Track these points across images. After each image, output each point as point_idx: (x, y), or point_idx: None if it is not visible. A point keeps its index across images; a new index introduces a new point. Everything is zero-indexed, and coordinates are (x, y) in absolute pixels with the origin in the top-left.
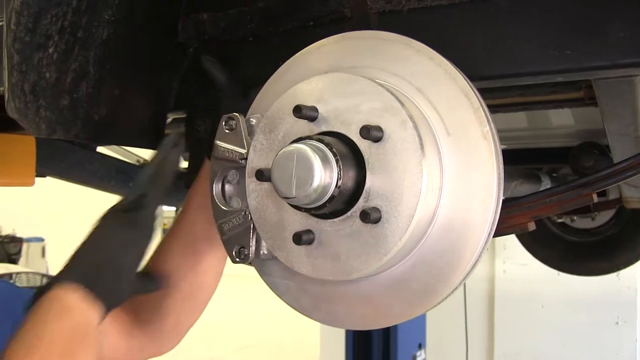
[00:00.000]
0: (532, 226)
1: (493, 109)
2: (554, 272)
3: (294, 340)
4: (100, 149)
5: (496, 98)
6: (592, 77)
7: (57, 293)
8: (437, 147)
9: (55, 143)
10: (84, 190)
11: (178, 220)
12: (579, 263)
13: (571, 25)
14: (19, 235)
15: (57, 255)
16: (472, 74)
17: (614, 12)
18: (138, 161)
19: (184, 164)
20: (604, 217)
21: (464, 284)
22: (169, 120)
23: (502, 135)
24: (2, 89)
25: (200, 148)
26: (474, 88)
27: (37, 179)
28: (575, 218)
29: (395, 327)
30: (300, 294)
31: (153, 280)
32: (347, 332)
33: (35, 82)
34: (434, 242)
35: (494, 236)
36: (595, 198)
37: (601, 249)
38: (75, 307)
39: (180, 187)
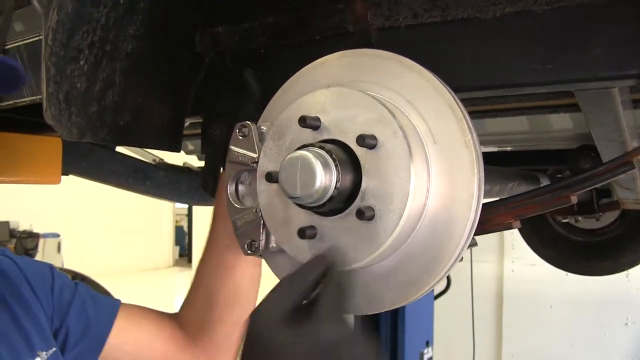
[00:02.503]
0: (517, 224)
1: (492, 113)
2: (563, 272)
3: None
4: (119, 149)
5: (494, 104)
6: (573, 89)
7: None
8: (425, 153)
9: (78, 144)
10: (97, 188)
11: (209, 232)
12: (583, 263)
13: (552, 41)
14: (35, 231)
15: (72, 250)
16: (462, 85)
17: (593, 30)
18: (154, 160)
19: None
20: (608, 218)
21: (471, 283)
22: (186, 124)
23: (504, 138)
24: (40, 97)
25: (216, 151)
26: (458, 101)
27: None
28: (580, 218)
29: (402, 324)
30: None
31: None
32: (355, 330)
33: (68, 91)
34: (421, 237)
35: (482, 233)
36: (575, 200)
37: (606, 250)
38: None
39: (196, 186)
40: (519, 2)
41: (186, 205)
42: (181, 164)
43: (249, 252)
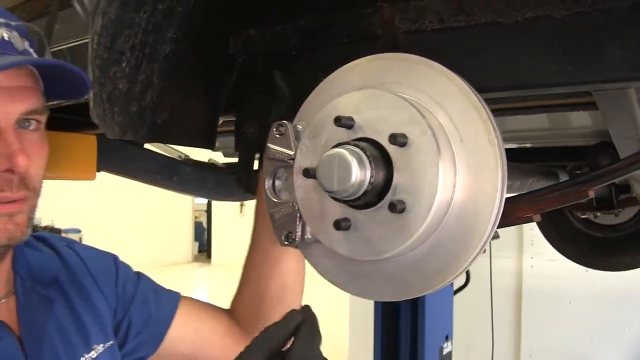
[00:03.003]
0: (537, 218)
1: (513, 111)
2: (582, 268)
3: (323, 334)
4: (147, 146)
5: (515, 102)
6: (591, 89)
7: None
8: (452, 151)
9: (109, 141)
10: (117, 185)
11: (252, 229)
12: (602, 258)
13: (571, 44)
14: (57, 226)
15: (92, 245)
16: (485, 86)
17: (610, 34)
18: (180, 157)
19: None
20: (628, 213)
21: (490, 279)
22: (220, 122)
23: (525, 134)
24: (86, 97)
25: (249, 148)
26: (483, 102)
27: None
28: (599, 214)
29: (422, 319)
30: (338, 271)
31: None
32: (376, 324)
33: (111, 92)
34: (449, 228)
35: (505, 226)
36: (592, 194)
37: (625, 245)
38: None
39: (221, 182)
40: (540, 8)
41: (205, 201)
42: (206, 160)
43: (286, 243)
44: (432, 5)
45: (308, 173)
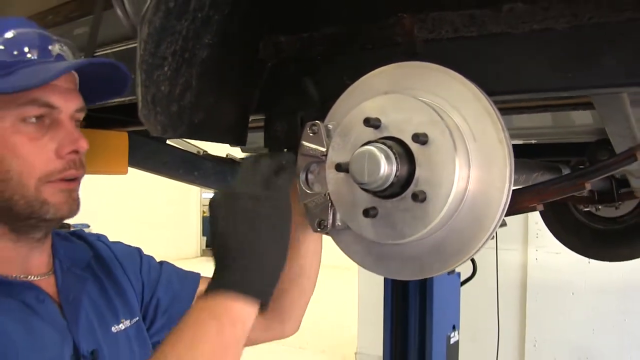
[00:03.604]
0: (540, 207)
1: (519, 110)
2: (585, 260)
3: (333, 325)
4: (169, 142)
5: (522, 101)
6: (589, 94)
7: (221, 303)
8: (466, 149)
9: (132, 137)
10: (126, 180)
11: None
12: (603, 249)
13: (572, 53)
14: (66, 221)
15: None
16: (495, 90)
17: (606, 44)
18: (198, 152)
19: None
20: (627, 206)
21: (496, 271)
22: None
23: (530, 132)
24: (134, 98)
25: (278, 145)
26: (493, 105)
27: None
28: (600, 207)
29: (431, 309)
30: (366, 254)
31: None
32: (385, 313)
33: (155, 94)
34: (463, 215)
35: (512, 214)
36: (588, 187)
37: (625, 237)
38: (238, 318)
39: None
40: (544, 21)
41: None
42: (224, 156)
43: (318, 229)
44: (448, 17)
45: (340, 167)
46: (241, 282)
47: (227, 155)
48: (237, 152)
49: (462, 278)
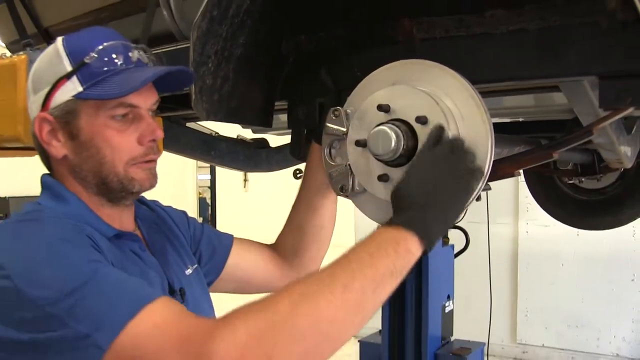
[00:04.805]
0: (517, 174)
1: (503, 93)
2: (574, 232)
3: None
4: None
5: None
6: (556, 81)
7: (400, 235)
8: (457, 126)
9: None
10: None
11: (301, 183)
12: (588, 219)
13: (542, 49)
14: None
15: None
16: (478, 78)
17: (568, 42)
18: (215, 133)
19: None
20: (609, 179)
21: (488, 244)
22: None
23: (514, 111)
24: (187, 90)
25: (300, 127)
26: (477, 92)
27: None
28: (583, 180)
29: (426, 279)
30: (379, 211)
31: None
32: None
33: (201, 86)
34: None
35: (495, 180)
36: (556, 156)
37: (607, 207)
38: (410, 253)
39: (250, 155)
40: (519, 23)
41: (209, 177)
42: (235, 137)
43: (341, 193)
44: (441, 20)
45: (359, 143)
46: (421, 226)
47: (237, 136)
48: (247, 133)
49: (456, 250)
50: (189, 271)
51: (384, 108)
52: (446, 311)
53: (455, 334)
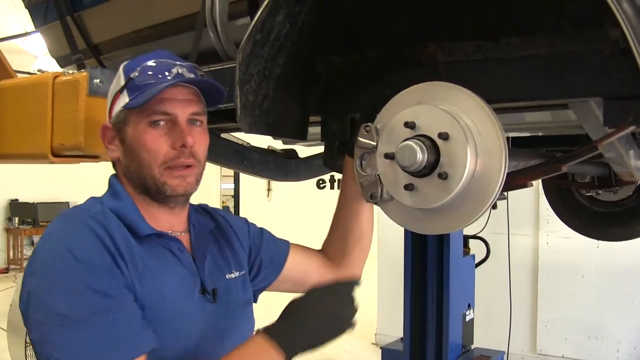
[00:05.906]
0: (530, 185)
1: (519, 110)
2: (594, 244)
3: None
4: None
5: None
6: (565, 101)
7: (262, 342)
8: (475, 142)
9: None
10: None
11: (340, 192)
12: (604, 230)
13: (551, 73)
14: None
15: None
16: (495, 99)
17: (575, 67)
18: (246, 144)
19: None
20: (625, 191)
21: (509, 254)
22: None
23: (531, 126)
24: (232, 104)
25: (333, 140)
26: (493, 111)
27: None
28: (600, 192)
29: (447, 288)
30: (406, 217)
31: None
32: (405, 291)
33: (245, 102)
34: (473, 188)
35: (509, 190)
36: (565, 169)
37: (623, 219)
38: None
39: (280, 165)
40: (531, 49)
41: (232, 186)
42: (266, 147)
43: (370, 200)
44: (461, 46)
45: (388, 156)
46: (286, 338)
47: (268, 147)
48: (276, 144)
49: (477, 260)
50: (231, 275)
51: (410, 125)
52: (467, 320)
53: (476, 343)
